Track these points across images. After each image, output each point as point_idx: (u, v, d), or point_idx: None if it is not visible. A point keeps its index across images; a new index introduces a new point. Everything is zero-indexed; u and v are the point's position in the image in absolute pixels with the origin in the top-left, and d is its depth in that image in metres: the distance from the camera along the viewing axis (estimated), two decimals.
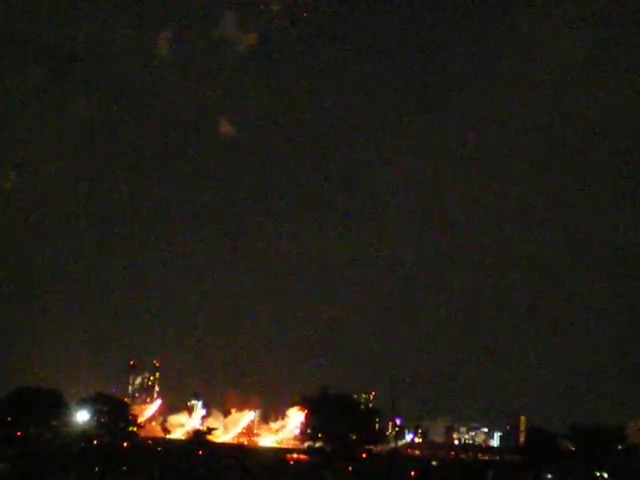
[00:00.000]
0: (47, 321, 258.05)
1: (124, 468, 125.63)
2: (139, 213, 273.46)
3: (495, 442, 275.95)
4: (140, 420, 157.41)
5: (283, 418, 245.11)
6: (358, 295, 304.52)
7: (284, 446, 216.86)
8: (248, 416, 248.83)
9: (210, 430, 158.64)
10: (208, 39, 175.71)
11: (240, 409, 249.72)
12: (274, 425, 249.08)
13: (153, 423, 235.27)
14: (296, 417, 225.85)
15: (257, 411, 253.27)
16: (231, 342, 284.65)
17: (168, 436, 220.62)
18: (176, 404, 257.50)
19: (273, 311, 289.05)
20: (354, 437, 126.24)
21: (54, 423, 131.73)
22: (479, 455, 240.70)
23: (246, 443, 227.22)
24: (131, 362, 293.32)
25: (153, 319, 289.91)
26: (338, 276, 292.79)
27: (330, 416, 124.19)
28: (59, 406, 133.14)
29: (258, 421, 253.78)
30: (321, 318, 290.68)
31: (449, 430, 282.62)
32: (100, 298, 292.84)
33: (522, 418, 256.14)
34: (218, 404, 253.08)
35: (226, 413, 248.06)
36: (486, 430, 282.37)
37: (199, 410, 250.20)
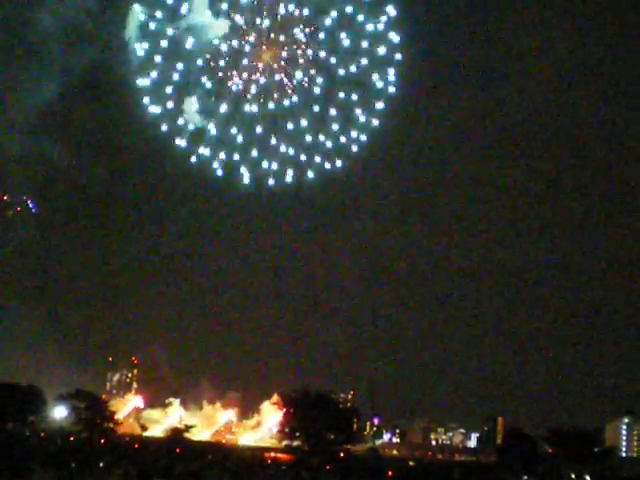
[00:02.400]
0: (25, 317, 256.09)
1: (101, 465, 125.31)
2: (113, 205, 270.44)
3: (472, 443, 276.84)
4: (117, 417, 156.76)
5: (259, 413, 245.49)
6: (337, 294, 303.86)
7: (262, 444, 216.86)
8: (226, 414, 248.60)
9: (188, 428, 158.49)
10: (177, 25, 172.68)
11: (212, 402, 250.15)
12: (249, 421, 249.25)
13: (130, 420, 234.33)
14: (270, 412, 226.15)
15: (235, 409, 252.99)
16: (209, 339, 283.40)
17: (145, 433, 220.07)
18: (154, 401, 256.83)
19: (252, 308, 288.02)
20: (332, 436, 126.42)
21: (32, 419, 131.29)
22: (456, 456, 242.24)
23: (224, 441, 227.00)
24: (109, 359, 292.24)
25: (131, 316, 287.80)
26: (318, 274, 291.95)
27: (308, 415, 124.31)
28: (37, 402, 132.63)
29: (237, 419, 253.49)
30: (301, 316, 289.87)
31: (427, 431, 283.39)
32: (78, 294, 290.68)
33: (500, 420, 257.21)
34: (196, 401, 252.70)
35: (201, 409, 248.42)
36: (463, 431, 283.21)
37: (177, 408, 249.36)
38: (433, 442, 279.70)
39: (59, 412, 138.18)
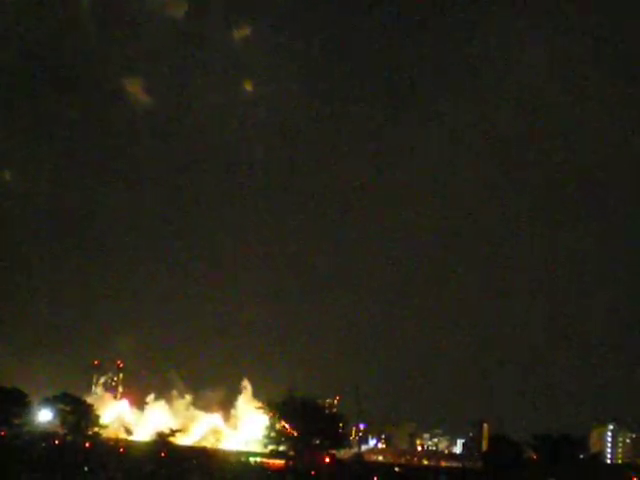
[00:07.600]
0: (10, 319, 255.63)
1: (85, 469, 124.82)
2: (87, 201, 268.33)
3: (458, 449, 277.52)
4: (103, 421, 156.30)
5: (235, 408, 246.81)
6: (324, 300, 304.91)
7: (247, 449, 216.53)
8: (212, 418, 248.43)
9: (173, 432, 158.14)
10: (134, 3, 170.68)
11: (181, 396, 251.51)
12: (230, 423, 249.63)
13: (116, 424, 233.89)
14: (246, 410, 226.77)
15: (220, 413, 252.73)
16: (194, 341, 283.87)
17: (130, 437, 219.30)
18: (139, 405, 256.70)
19: (238, 312, 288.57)
20: (318, 441, 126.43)
21: (16, 422, 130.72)
22: (442, 461, 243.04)
23: (209, 446, 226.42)
24: (95, 362, 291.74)
25: (117, 318, 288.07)
26: (306, 280, 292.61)
27: (294, 420, 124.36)
28: (21, 405, 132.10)
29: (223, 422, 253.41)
30: (287, 321, 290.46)
31: (412, 436, 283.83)
32: (64, 297, 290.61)
33: (485, 425, 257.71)
34: (180, 404, 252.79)
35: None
36: (449, 437, 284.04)
37: (162, 411, 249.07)
38: (419, 448, 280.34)
39: (44, 415, 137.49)
